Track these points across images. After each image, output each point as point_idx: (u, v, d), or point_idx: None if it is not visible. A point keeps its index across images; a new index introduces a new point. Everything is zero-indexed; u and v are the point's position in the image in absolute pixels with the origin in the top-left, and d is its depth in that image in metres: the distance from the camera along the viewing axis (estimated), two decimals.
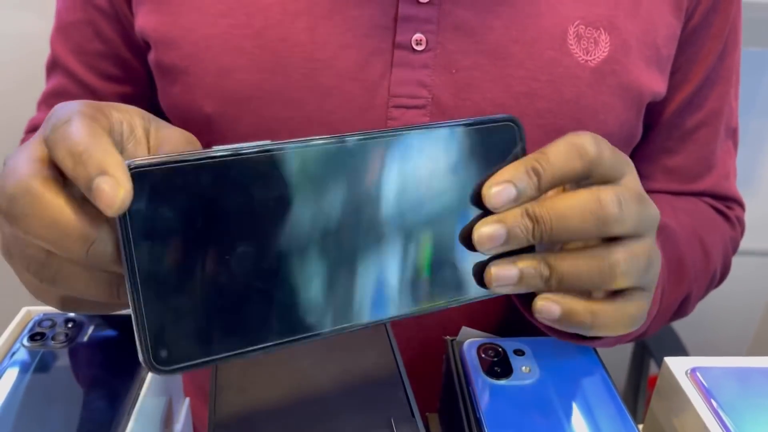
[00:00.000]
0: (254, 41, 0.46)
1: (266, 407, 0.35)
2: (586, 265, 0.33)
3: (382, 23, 0.46)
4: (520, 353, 0.42)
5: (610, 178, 0.33)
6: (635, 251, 0.33)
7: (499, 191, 0.31)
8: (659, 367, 0.44)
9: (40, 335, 0.40)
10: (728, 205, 0.60)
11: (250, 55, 0.46)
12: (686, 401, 0.40)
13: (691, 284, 0.52)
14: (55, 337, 0.39)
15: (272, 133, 0.47)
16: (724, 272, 0.59)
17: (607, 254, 0.33)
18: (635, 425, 0.38)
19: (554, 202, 0.32)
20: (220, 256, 0.27)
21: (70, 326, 0.40)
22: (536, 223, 0.32)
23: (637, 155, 0.58)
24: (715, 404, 0.39)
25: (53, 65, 0.57)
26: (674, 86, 0.54)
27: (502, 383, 0.40)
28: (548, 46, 0.47)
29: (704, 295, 0.57)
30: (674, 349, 1.04)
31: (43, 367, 0.38)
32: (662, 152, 0.57)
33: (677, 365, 0.43)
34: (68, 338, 0.39)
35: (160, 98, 0.52)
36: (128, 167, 0.26)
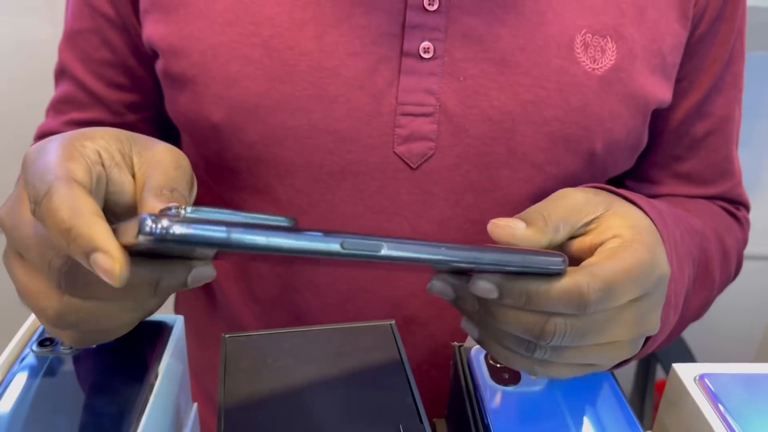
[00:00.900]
0: (262, 50, 0.46)
1: (275, 413, 0.35)
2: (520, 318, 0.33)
3: (389, 31, 0.46)
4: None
5: None
6: (576, 323, 0.33)
7: (485, 287, 0.32)
8: (666, 372, 0.44)
9: (48, 341, 0.40)
10: (737, 207, 0.60)
11: (257, 63, 0.46)
12: (695, 408, 0.40)
13: (713, 291, 0.52)
14: (63, 343, 0.40)
15: (278, 141, 0.47)
16: (736, 272, 0.59)
17: (546, 318, 0.33)
18: (641, 428, 0.38)
19: (506, 311, 0.33)
20: None
21: None
22: (482, 309, 0.34)
23: (647, 162, 0.58)
24: (723, 411, 0.39)
25: (61, 73, 0.57)
26: (681, 93, 0.54)
27: (509, 389, 0.40)
28: (555, 54, 0.47)
29: (718, 295, 0.57)
30: (681, 354, 1.03)
31: (51, 372, 0.38)
32: (673, 159, 0.58)
33: (685, 372, 0.43)
34: None
35: (167, 106, 0.52)
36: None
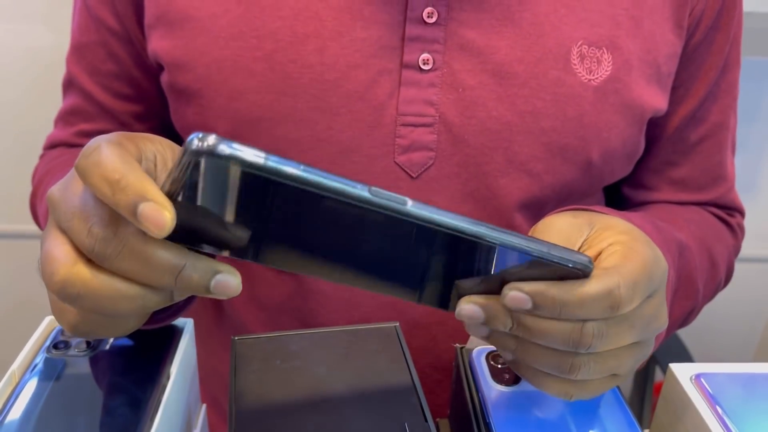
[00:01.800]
0: (265, 64, 0.47)
1: (284, 413, 0.36)
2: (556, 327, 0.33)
3: (389, 44, 0.47)
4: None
5: None
6: (611, 330, 0.33)
7: (519, 298, 0.32)
8: (664, 373, 0.45)
9: (63, 344, 0.41)
10: (730, 213, 0.61)
11: (260, 77, 0.47)
12: (691, 407, 0.41)
13: (698, 298, 0.53)
14: (77, 345, 0.41)
15: (283, 152, 0.48)
16: (727, 279, 0.60)
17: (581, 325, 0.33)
18: (640, 430, 0.39)
19: (540, 322, 0.33)
20: None
21: None
22: (516, 325, 0.33)
23: (642, 167, 0.59)
24: (719, 410, 0.40)
25: (69, 84, 0.59)
26: (677, 101, 0.55)
27: (510, 389, 0.41)
28: (552, 65, 0.48)
29: (709, 301, 0.58)
30: (679, 356, 1.04)
31: (66, 374, 0.39)
32: (668, 165, 0.59)
33: (682, 371, 0.44)
34: (90, 347, 0.40)
35: (173, 119, 0.54)
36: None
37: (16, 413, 0.35)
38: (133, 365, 0.39)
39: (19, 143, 1.19)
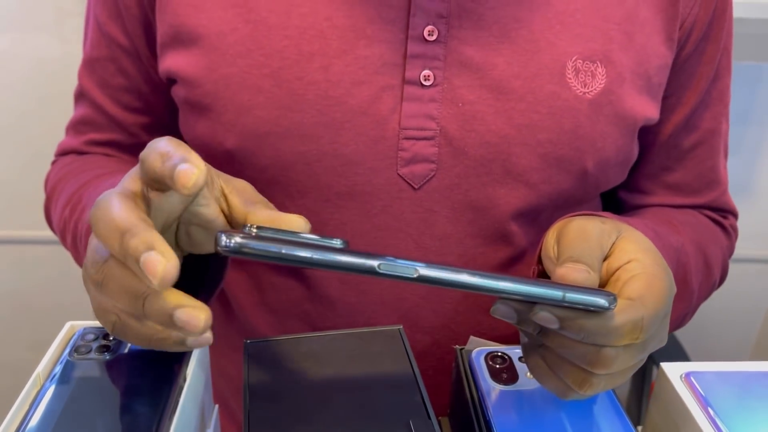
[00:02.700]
0: (271, 80, 0.49)
1: (294, 412, 0.38)
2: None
3: (392, 61, 0.49)
4: (524, 360, 0.45)
5: None
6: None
7: (547, 318, 0.35)
8: None
9: (84, 348, 0.43)
10: (724, 215, 0.63)
11: (267, 93, 0.49)
12: (681, 404, 0.43)
13: (692, 300, 0.55)
14: (98, 348, 0.42)
15: (289, 166, 0.50)
16: (722, 279, 0.62)
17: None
18: (632, 426, 0.41)
19: (563, 339, 0.36)
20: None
21: (111, 339, 0.43)
22: (542, 336, 0.37)
23: (638, 173, 0.61)
24: (709, 408, 0.42)
25: (81, 96, 0.61)
26: (670, 109, 0.57)
27: (508, 388, 0.43)
28: (548, 80, 0.50)
29: (703, 302, 0.60)
30: (676, 356, 1.06)
31: (87, 377, 0.41)
32: (662, 170, 0.60)
33: (672, 370, 0.45)
34: (110, 350, 0.42)
35: (182, 130, 0.55)
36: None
37: (41, 413, 0.37)
38: (151, 368, 0.41)
39: (26, 151, 1.21)
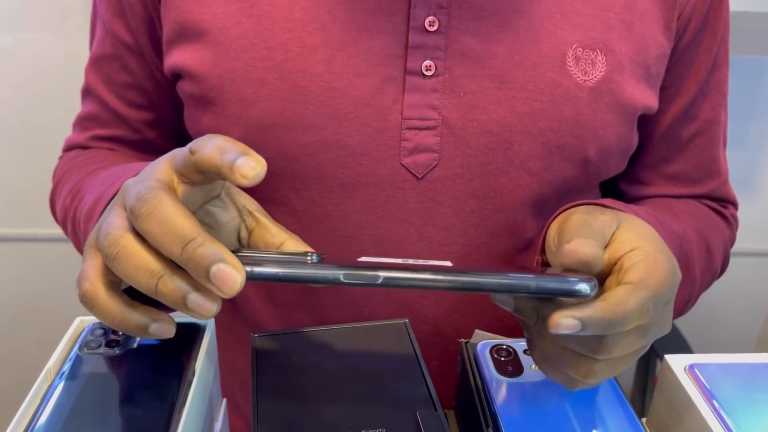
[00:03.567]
0: (275, 73, 0.49)
1: (302, 405, 0.39)
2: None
3: (393, 52, 0.49)
4: (529, 353, 0.45)
5: None
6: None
7: (569, 325, 0.34)
8: None
9: (93, 343, 0.43)
10: (724, 205, 0.63)
11: (271, 86, 0.49)
12: (685, 396, 0.43)
13: (695, 287, 0.55)
14: (107, 343, 0.43)
15: (293, 157, 0.51)
16: (723, 267, 0.62)
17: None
18: (636, 417, 0.41)
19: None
20: None
21: (120, 333, 0.44)
22: (540, 321, 0.37)
23: (638, 163, 0.61)
24: (713, 400, 0.42)
25: (87, 92, 0.62)
26: (668, 99, 0.57)
27: (513, 380, 0.43)
28: (548, 69, 0.50)
29: (704, 290, 0.60)
30: (679, 349, 1.06)
31: (97, 372, 0.41)
32: (662, 160, 0.61)
33: (676, 362, 0.46)
34: (119, 345, 0.43)
35: (187, 125, 0.56)
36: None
37: (52, 408, 0.38)
38: (160, 362, 0.41)
39: (30, 149, 1.21)
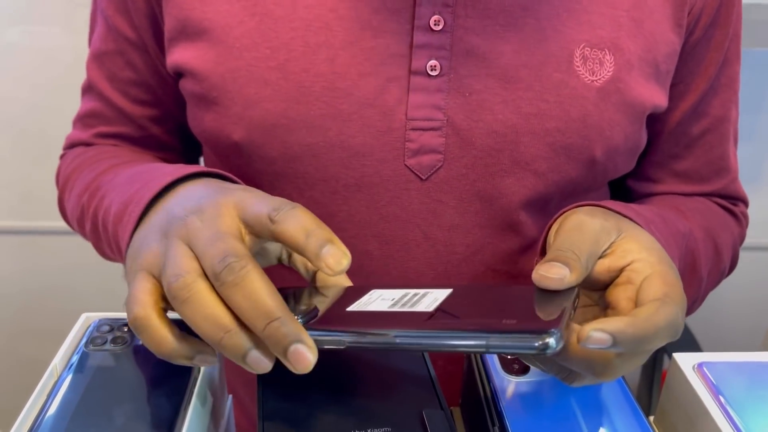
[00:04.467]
0: (278, 73, 0.49)
1: (307, 401, 0.39)
2: None
3: (398, 51, 0.49)
4: None
5: None
6: None
7: (599, 339, 0.33)
8: None
9: (100, 339, 0.43)
10: (734, 202, 0.63)
11: (274, 86, 0.49)
12: (693, 394, 0.43)
13: (701, 287, 0.55)
14: (113, 340, 0.43)
15: (297, 158, 0.51)
16: (732, 266, 0.61)
17: None
18: (644, 416, 0.41)
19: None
20: None
21: (126, 330, 0.44)
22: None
23: (647, 161, 0.60)
24: (721, 398, 0.42)
25: (89, 88, 0.61)
26: (678, 96, 0.57)
27: (520, 379, 0.43)
28: (555, 68, 0.49)
29: (713, 289, 0.60)
30: (688, 346, 1.06)
31: (103, 367, 0.41)
32: (671, 158, 0.60)
33: (685, 360, 0.45)
34: (125, 341, 0.43)
35: (190, 124, 0.56)
36: None
37: (58, 404, 0.38)
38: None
39: (36, 142, 1.22)
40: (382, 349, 0.34)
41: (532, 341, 0.31)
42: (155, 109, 0.60)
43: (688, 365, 0.45)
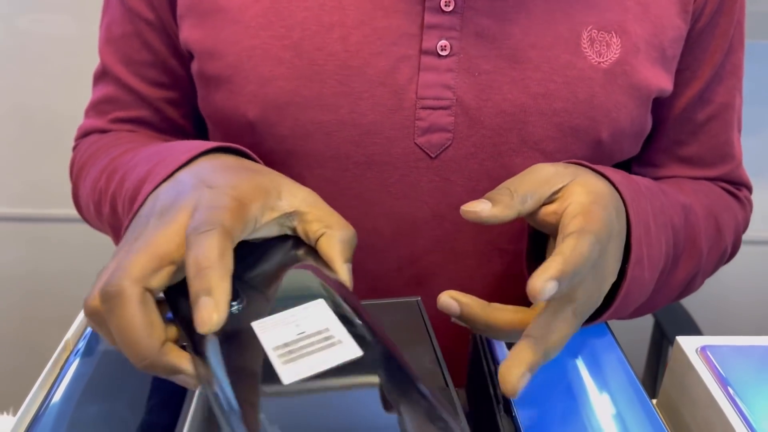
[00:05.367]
0: (292, 52, 0.49)
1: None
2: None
3: (409, 31, 0.49)
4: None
5: None
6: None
7: (546, 289, 0.34)
8: None
9: None
10: (738, 187, 0.63)
11: (288, 64, 0.49)
12: (696, 378, 0.43)
13: (701, 262, 0.55)
14: None
15: (308, 136, 0.51)
16: (734, 248, 0.62)
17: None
18: (647, 398, 0.41)
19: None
20: None
21: None
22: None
23: (651, 147, 0.61)
24: (723, 380, 0.42)
25: (102, 75, 0.61)
26: (684, 83, 0.57)
27: None
28: (563, 50, 0.50)
29: (714, 270, 0.60)
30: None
31: (111, 353, 0.42)
32: (676, 144, 0.60)
33: (688, 343, 0.46)
34: None
35: (200, 105, 0.56)
36: None
37: (70, 378, 0.39)
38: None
39: (45, 130, 1.22)
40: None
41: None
42: (173, 91, 0.60)
43: (691, 348, 0.45)
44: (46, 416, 0.36)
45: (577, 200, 0.39)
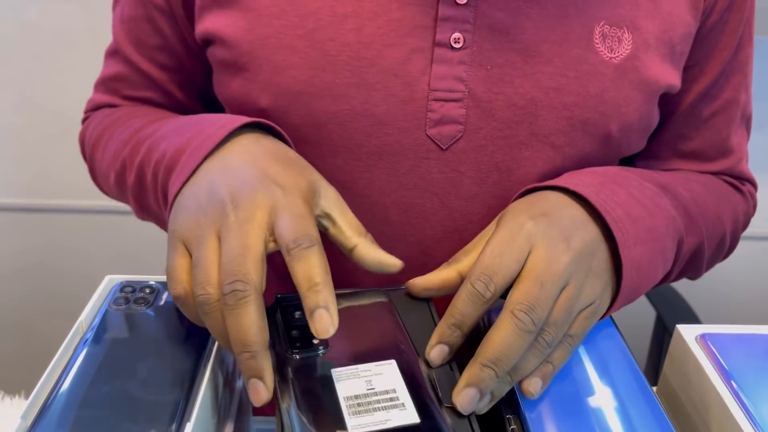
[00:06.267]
0: (306, 41, 0.50)
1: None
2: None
3: (423, 23, 0.50)
4: None
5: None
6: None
7: (437, 353, 0.41)
8: None
9: (123, 299, 0.45)
10: (741, 182, 0.64)
11: (301, 53, 0.50)
12: (696, 366, 0.44)
13: (702, 234, 0.56)
14: (136, 300, 0.45)
15: (321, 125, 0.52)
16: (734, 239, 0.62)
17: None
18: (648, 385, 0.42)
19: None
20: None
21: (148, 291, 0.45)
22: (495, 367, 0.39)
23: (654, 140, 0.61)
24: (722, 367, 0.43)
25: (114, 52, 0.62)
26: (691, 79, 0.57)
27: None
28: (575, 44, 0.50)
29: (715, 256, 0.61)
30: None
31: (126, 326, 0.43)
32: (678, 138, 0.61)
33: (688, 332, 0.47)
34: (147, 302, 0.44)
35: (216, 90, 0.57)
36: None
37: (84, 358, 0.40)
38: (186, 318, 0.42)
39: (54, 121, 1.23)
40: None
41: None
42: (180, 75, 0.61)
43: (690, 336, 0.46)
44: (57, 399, 0.37)
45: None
